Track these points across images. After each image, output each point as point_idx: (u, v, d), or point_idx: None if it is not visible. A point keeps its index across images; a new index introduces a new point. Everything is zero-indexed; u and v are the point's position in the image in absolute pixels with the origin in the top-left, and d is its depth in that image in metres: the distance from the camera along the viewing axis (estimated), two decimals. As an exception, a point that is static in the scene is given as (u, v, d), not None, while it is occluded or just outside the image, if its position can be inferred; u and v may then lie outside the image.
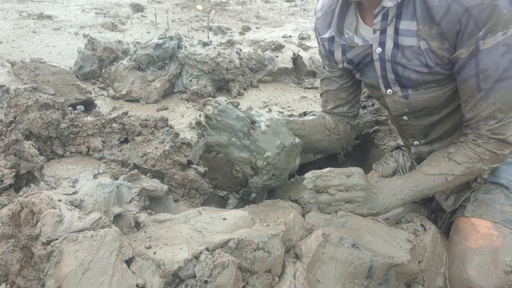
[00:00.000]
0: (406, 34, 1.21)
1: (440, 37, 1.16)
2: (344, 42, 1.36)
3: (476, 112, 1.21)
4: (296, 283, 1.12)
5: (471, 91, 1.18)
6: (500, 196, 1.30)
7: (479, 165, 1.26)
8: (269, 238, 1.12)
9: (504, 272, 1.16)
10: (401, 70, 1.28)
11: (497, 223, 1.25)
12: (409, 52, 1.22)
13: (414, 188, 1.28)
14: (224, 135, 1.29)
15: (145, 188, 1.45)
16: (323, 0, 1.50)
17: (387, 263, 1.17)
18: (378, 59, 1.31)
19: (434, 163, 1.29)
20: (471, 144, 1.26)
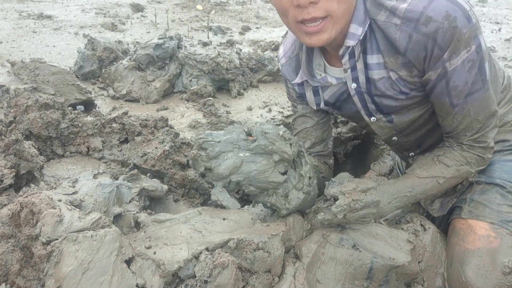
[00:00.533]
0: (375, 67, 1.23)
1: (407, 66, 1.18)
2: (318, 84, 1.36)
3: (454, 126, 1.24)
4: (296, 283, 1.12)
5: (445, 108, 1.21)
6: (496, 196, 1.30)
7: (467, 167, 1.29)
8: (269, 238, 1.12)
9: (502, 273, 1.16)
10: (379, 100, 1.29)
11: (494, 224, 1.25)
12: (381, 84, 1.24)
13: (409, 193, 1.28)
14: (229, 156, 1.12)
15: (145, 188, 1.45)
16: (284, 46, 1.49)
17: (388, 265, 1.17)
18: (356, 93, 1.32)
19: (426, 166, 1.30)
20: (457, 148, 1.29)
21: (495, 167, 1.36)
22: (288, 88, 1.54)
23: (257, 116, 2.33)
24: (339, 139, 2.16)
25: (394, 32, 1.13)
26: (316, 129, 1.56)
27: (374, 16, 1.17)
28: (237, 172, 1.13)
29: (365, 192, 1.20)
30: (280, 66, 1.51)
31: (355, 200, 1.17)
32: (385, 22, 1.15)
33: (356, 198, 1.17)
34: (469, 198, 1.35)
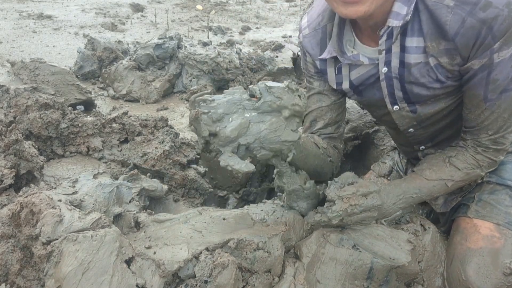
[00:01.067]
0: (413, 51, 1.16)
1: (450, 53, 1.12)
2: (348, 62, 1.26)
3: (479, 121, 1.20)
4: (296, 283, 1.12)
5: (477, 100, 1.17)
6: (505, 198, 1.29)
7: (477, 171, 1.26)
8: (269, 238, 1.12)
9: (503, 274, 1.16)
10: (409, 88, 1.23)
11: (500, 225, 1.24)
12: (417, 69, 1.18)
13: (415, 195, 1.25)
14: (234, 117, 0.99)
15: (145, 188, 1.45)
16: (308, 16, 1.39)
17: (388, 265, 1.17)
18: (385, 78, 1.25)
19: (435, 168, 1.27)
20: (471, 151, 1.26)
21: (507, 167, 1.35)
22: (306, 62, 1.44)
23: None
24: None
25: (445, 15, 1.06)
26: (332, 109, 1.46)
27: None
28: (246, 134, 1.00)
29: (366, 196, 1.17)
30: (301, 37, 1.40)
31: (353, 205, 1.15)
32: (436, 3, 1.07)
33: (355, 203, 1.15)
34: (477, 197, 1.33)
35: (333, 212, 1.15)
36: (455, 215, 1.38)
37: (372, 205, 1.17)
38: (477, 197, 1.33)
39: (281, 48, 3.21)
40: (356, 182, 1.23)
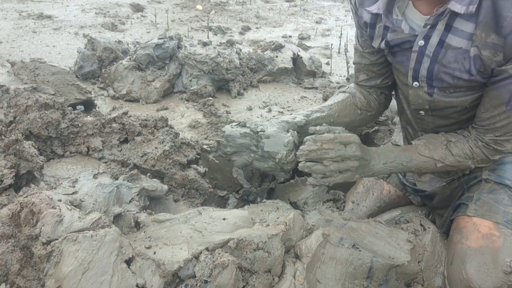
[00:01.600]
0: (459, 34, 1.13)
1: (495, 48, 1.10)
2: (389, 25, 1.25)
3: (493, 121, 1.22)
4: (296, 283, 1.12)
5: (498, 102, 1.18)
6: (504, 197, 1.30)
7: (469, 162, 1.30)
8: (269, 238, 1.12)
9: (504, 272, 1.16)
10: (437, 70, 1.22)
11: (499, 223, 1.25)
12: (453, 54, 1.16)
13: (405, 163, 1.29)
14: (243, 155, 1.43)
15: (145, 188, 1.45)
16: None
17: (388, 264, 1.17)
18: (417, 51, 1.24)
19: (431, 146, 1.31)
20: (471, 142, 1.29)
21: (507, 167, 1.36)
22: (355, 15, 1.43)
23: (257, 116, 2.32)
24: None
25: (507, 10, 1.03)
26: (373, 66, 1.50)
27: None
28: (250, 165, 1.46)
29: (345, 145, 1.21)
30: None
31: (326, 149, 1.18)
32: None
33: (329, 147, 1.19)
34: (476, 196, 1.34)
35: (301, 151, 1.21)
36: (454, 215, 1.39)
37: (353, 154, 1.20)
38: (476, 196, 1.34)
39: (281, 48, 3.21)
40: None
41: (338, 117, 1.51)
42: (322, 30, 4.92)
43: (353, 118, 1.56)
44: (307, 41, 4.32)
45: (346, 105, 1.53)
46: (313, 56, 3.20)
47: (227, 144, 1.44)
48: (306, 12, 6.15)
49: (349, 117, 1.55)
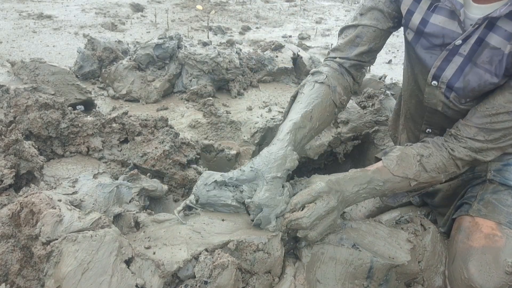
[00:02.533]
0: (502, 34, 1.08)
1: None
2: (449, 5, 1.13)
3: (494, 121, 1.17)
4: (296, 283, 1.12)
5: (509, 101, 1.14)
6: (508, 198, 1.30)
7: (441, 176, 1.25)
8: (269, 239, 1.11)
9: (505, 272, 1.16)
10: (467, 70, 1.17)
11: (502, 224, 1.25)
12: (489, 54, 1.11)
13: (379, 186, 1.21)
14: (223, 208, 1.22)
15: (145, 188, 1.45)
16: None
17: (388, 264, 1.17)
18: (450, 50, 1.18)
19: (404, 164, 1.23)
20: (445, 153, 1.24)
21: (511, 169, 1.36)
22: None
23: (257, 116, 2.32)
24: (339, 139, 2.16)
25: None
26: (381, 35, 1.35)
27: None
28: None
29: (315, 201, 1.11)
30: None
31: (296, 220, 1.10)
32: None
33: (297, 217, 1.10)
34: (480, 196, 1.33)
35: (272, 228, 1.13)
36: (457, 214, 1.38)
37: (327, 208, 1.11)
38: (479, 196, 1.34)
39: (281, 48, 3.21)
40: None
41: (318, 127, 1.34)
42: (322, 30, 4.92)
43: (329, 122, 1.41)
44: (307, 41, 4.32)
45: (326, 107, 1.34)
46: (313, 56, 3.20)
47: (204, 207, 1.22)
48: (306, 12, 6.15)
49: (327, 121, 1.38)
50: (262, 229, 1.15)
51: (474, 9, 1.13)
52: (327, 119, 1.36)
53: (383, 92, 2.30)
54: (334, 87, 1.36)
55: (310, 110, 1.30)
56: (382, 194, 1.25)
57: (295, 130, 1.26)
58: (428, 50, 1.24)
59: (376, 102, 2.23)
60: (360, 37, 1.35)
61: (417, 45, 1.26)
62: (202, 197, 1.20)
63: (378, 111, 2.19)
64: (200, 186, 1.21)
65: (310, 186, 1.15)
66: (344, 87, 1.40)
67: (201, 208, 1.22)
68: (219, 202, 1.20)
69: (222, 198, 1.19)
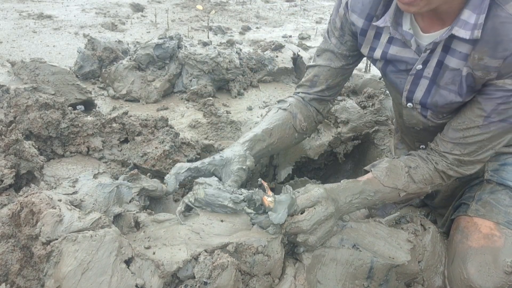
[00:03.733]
0: (457, 56, 1.11)
1: (487, 69, 1.08)
2: (399, 37, 1.19)
3: (465, 135, 1.19)
4: (297, 283, 1.11)
5: (477, 115, 1.16)
6: (505, 198, 1.30)
7: (428, 188, 1.28)
8: (268, 241, 1.11)
9: (505, 272, 1.16)
10: (433, 92, 1.21)
11: (500, 224, 1.25)
12: (450, 75, 1.15)
13: (370, 197, 1.25)
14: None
15: (145, 188, 1.45)
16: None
17: (388, 264, 1.17)
18: (414, 75, 1.23)
19: (393, 175, 1.26)
20: (431, 165, 1.26)
21: (508, 168, 1.36)
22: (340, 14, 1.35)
23: (257, 116, 2.32)
24: (339, 139, 2.16)
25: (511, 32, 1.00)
26: (337, 73, 1.43)
27: (501, 3, 1.01)
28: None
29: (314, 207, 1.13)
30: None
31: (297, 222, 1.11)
32: (510, 16, 1.00)
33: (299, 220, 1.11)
34: (477, 196, 1.34)
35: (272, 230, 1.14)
36: (455, 215, 1.39)
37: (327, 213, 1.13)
38: (477, 196, 1.34)
39: (281, 48, 3.21)
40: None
41: (276, 144, 1.44)
42: (322, 30, 4.91)
43: (288, 143, 1.50)
44: (307, 41, 4.31)
45: (285, 129, 1.46)
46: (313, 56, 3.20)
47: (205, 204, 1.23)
48: (306, 12, 6.15)
49: (286, 142, 1.48)
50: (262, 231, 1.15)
51: (424, 38, 1.18)
52: (286, 140, 1.48)
53: (383, 92, 2.30)
54: (295, 113, 1.49)
55: (270, 128, 1.44)
56: (373, 204, 1.28)
57: (254, 140, 1.40)
58: (396, 75, 1.29)
59: (376, 102, 2.22)
60: (317, 76, 1.48)
61: (387, 71, 1.32)
62: (170, 185, 1.31)
63: (378, 111, 2.19)
64: (171, 175, 1.33)
65: (308, 192, 1.17)
66: (305, 116, 1.51)
67: (200, 208, 1.23)
68: (216, 203, 1.21)
69: (220, 199, 1.21)
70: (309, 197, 1.15)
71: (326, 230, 1.15)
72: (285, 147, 1.52)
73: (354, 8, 1.30)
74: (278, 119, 1.46)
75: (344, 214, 1.25)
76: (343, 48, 1.40)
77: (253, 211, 1.18)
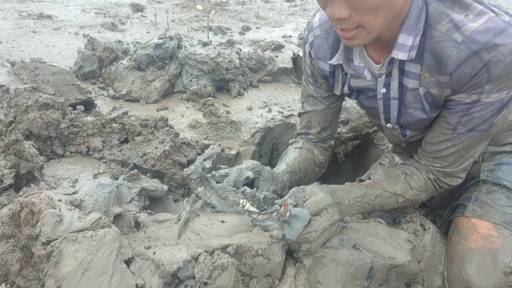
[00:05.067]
0: (411, 76, 1.16)
1: (441, 86, 1.12)
2: (352, 72, 1.27)
3: (439, 149, 1.23)
4: (297, 283, 1.11)
5: (445, 128, 1.19)
6: (502, 198, 1.30)
7: (423, 195, 1.31)
8: (269, 244, 1.10)
9: (503, 273, 1.16)
10: (403, 111, 1.25)
11: (498, 224, 1.25)
12: (412, 95, 1.19)
13: (371, 201, 1.27)
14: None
15: (145, 188, 1.45)
16: (320, 15, 1.35)
17: (388, 264, 1.17)
18: (382, 99, 1.27)
19: (393, 180, 1.29)
20: (424, 175, 1.30)
21: (503, 168, 1.36)
22: (308, 63, 1.43)
23: (257, 116, 2.32)
24: (339, 139, 2.16)
25: (450, 49, 1.05)
26: (326, 113, 1.50)
27: (434, 24, 1.07)
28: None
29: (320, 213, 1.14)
30: (312, 36, 1.36)
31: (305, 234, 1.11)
32: (444, 35, 1.05)
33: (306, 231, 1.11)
34: (474, 197, 1.35)
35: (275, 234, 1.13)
36: (453, 216, 1.39)
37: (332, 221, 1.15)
38: (474, 197, 1.35)
39: (281, 48, 3.21)
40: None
41: (303, 179, 1.48)
42: (322, 30, 4.91)
43: (312, 177, 1.55)
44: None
45: (309, 164, 1.51)
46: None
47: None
48: (306, 12, 6.15)
49: (310, 176, 1.52)
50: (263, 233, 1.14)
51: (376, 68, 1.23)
52: (310, 174, 1.53)
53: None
54: (312, 149, 1.55)
55: (297, 163, 1.48)
56: (372, 209, 1.30)
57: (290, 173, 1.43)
58: (369, 101, 1.34)
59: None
60: (310, 121, 1.55)
61: (360, 99, 1.38)
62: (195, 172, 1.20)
63: (378, 111, 2.19)
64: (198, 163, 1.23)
65: (313, 197, 1.16)
66: (319, 150, 1.57)
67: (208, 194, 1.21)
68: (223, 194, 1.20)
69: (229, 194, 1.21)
70: (317, 203, 1.14)
71: (329, 236, 1.18)
72: (308, 181, 1.54)
73: (318, 56, 1.37)
74: (300, 155, 1.51)
75: (344, 216, 1.26)
76: (321, 91, 1.47)
77: (256, 209, 1.18)
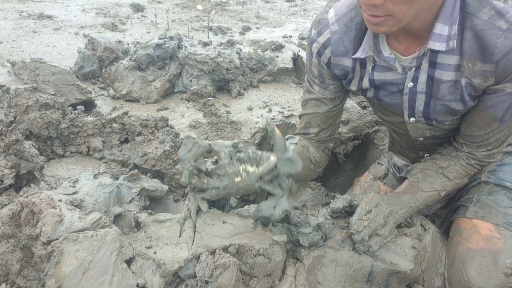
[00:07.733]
0: (447, 68, 1.12)
1: (485, 74, 1.09)
2: (384, 63, 1.20)
3: (486, 138, 1.23)
4: (297, 283, 1.11)
5: (490, 120, 1.18)
6: (504, 199, 1.30)
7: (465, 180, 1.33)
8: (270, 244, 1.10)
9: (504, 274, 1.16)
10: (433, 104, 1.22)
11: (499, 225, 1.25)
12: (446, 87, 1.16)
13: (413, 204, 1.29)
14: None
15: (145, 188, 1.45)
16: (335, 10, 1.26)
17: (388, 269, 1.16)
18: (408, 93, 1.24)
19: (429, 179, 1.30)
20: (463, 162, 1.30)
21: (505, 169, 1.36)
22: (314, 64, 1.36)
23: (257, 116, 2.32)
24: (339, 139, 2.16)
25: (496, 37, 1.02)
26: (327, 116, 1.47)
27: (474, 12, 1.03)
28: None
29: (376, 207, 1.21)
30: (328, 33, 1.27)
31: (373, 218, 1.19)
32: (487, 23, 1.02)
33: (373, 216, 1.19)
34: (475, 198, 1.34)
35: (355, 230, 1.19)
36: (454, 216, 1.39)
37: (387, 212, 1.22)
38: (475, 198, 1.34)
39: (281, 48, 3.21)
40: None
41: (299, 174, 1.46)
42: (322, 30, 4.90)
43: (306, 173, 1.51)
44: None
45: (302, 159, 1.42)
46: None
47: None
48: (306, 12, 6.15)
49: (304, 172, 1.46)
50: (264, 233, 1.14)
51: (405, 60, 1.19)
52: (305, 170, 1.45)
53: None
54: (307, 146, 1.51)
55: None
56: (418, 210, 1.32)
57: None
58: (391, 97, 1.30)
59: (376, 103, 2.22)
60: (309, 123, 1.51)
61: (380, 96, 1.33)
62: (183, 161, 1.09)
63: (378, 112, 2.19)
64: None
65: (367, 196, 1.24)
66: (315, 147, 1.53)
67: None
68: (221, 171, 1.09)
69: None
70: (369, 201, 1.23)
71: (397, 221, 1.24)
72: (303, 177, 1.54)
73: (338, 52, 1.28)
74: (294, 149, 1.46)
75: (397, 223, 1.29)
76: (327, 93, 1.43)
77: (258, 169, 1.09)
